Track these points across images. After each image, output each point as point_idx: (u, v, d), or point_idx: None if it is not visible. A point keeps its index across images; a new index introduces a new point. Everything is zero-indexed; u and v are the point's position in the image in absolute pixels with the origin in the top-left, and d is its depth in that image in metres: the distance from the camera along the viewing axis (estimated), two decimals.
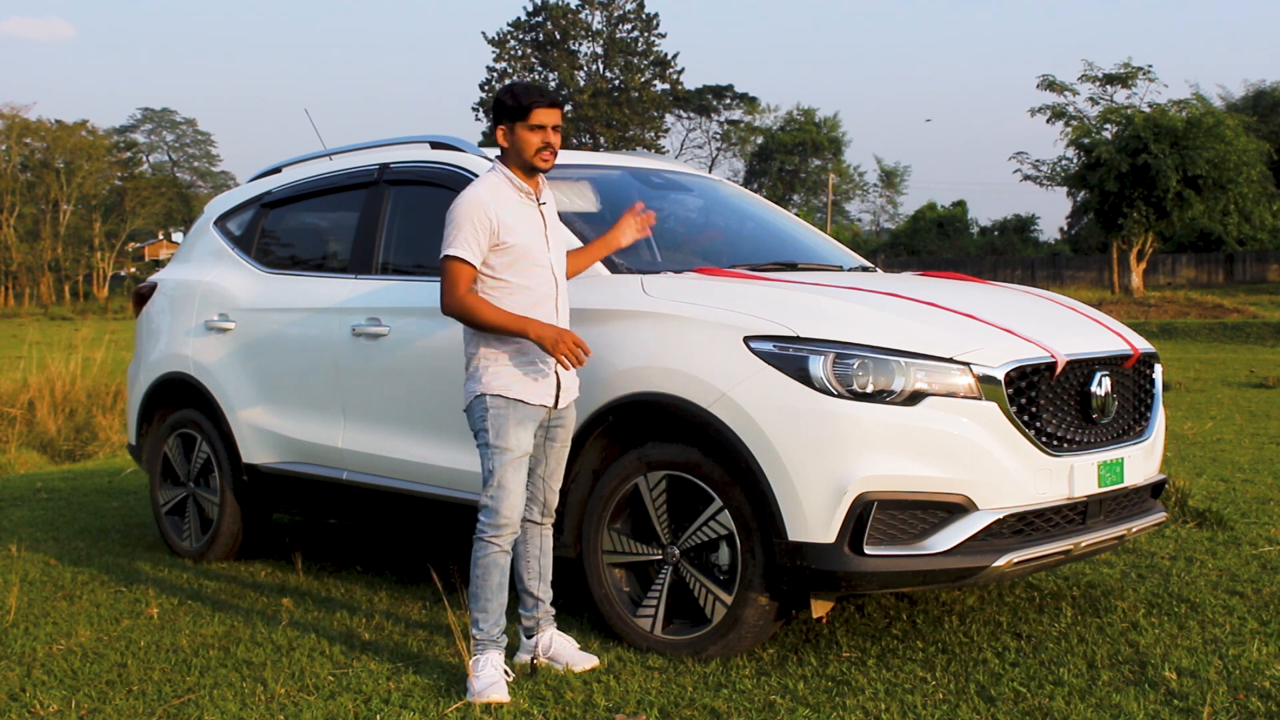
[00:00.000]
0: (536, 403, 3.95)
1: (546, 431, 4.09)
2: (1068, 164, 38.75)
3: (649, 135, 68.63)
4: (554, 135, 3.96)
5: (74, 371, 12.92)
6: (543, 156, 3.96)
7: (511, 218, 3.93)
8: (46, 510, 7.68)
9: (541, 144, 3.94)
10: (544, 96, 3.95)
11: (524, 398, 3.93)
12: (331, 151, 5.97)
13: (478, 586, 3.95)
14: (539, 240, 3.98)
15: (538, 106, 3.92)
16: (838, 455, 3.83)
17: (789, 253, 5.34)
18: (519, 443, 3.93)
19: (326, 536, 6.62)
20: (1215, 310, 29.86)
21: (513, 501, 3.93)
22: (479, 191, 3.95)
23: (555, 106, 3.97)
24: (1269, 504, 6.65)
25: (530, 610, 4.17)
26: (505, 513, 3.92)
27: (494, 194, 3.95)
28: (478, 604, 3.95)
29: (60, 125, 68.52)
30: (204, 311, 6.03)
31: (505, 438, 3.91)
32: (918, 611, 4.72)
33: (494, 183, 3.99)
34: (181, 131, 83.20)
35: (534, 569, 4.16)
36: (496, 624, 3.95)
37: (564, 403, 4.05)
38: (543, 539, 4.18)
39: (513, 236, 3.91)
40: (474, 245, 3.89)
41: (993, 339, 4.05)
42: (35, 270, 67.52)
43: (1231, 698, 3.69)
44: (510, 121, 3.96)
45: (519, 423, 3.93)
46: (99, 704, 3.90)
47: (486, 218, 3.89)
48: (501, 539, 3.94)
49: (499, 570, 3.95)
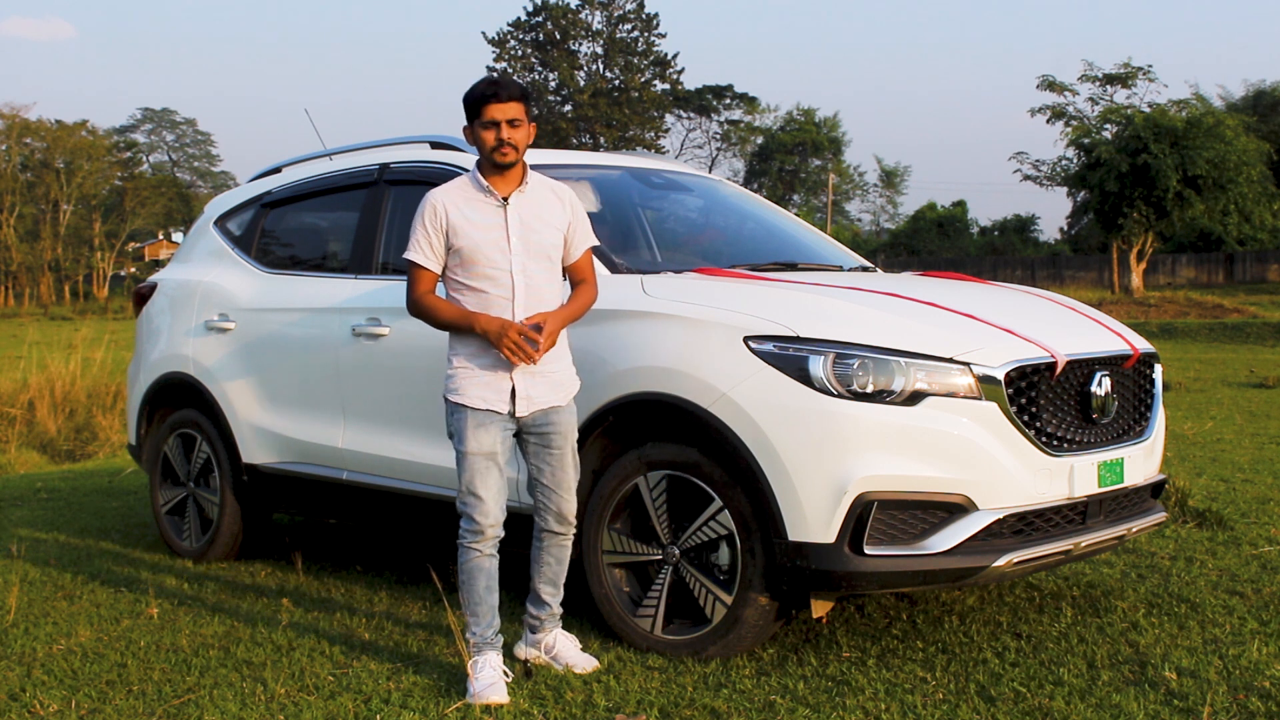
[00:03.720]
0: (484, 408, 3.89)
1: (540, 440, 4.01)
2: (1068, 164, 38.80)
3: (649, 135, 68.61)
4: (511, 130, 3.86)
5: (74, 371, 12.92)
6: (501, 152, 3.86)
7: (463, 220, 3.89)
8: (46, 510, 7.68)
9: (495, 140, 3.86)
10: (495, 92, 3.85)
11: (473, 404, 3.89)
12: (331, 151, 5.97)
13: (465, 591, 3.95)
14: (496, 242, 3.89)
15: (488, 102, 3.86)
16: (838, 455, 3.83)
17: (789, 253, 5.34)
18: (479, 446, 3.89)
19: (326, 536, 6.62)
20: (1215, 310, 29.87)
21: (485, 507, 3.90)
22: (433, 194, 3.95)
23: (510, 100, 3.86)
24: (1269, 504, 6.65)
25: (537, 609, 4.16)
26: (478, 518, 3.90)
27: (449, 196, 3.93)
28: (468, 608, 3.95)
29: (60, 125, 68.57)
30: (204, 311, 6.03)
31: (465, 441, 3.90)
32: (918, 611, 4.72)
33: (457, 185, 3.97)
34: (181, 131, 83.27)
35: (545, 574, 4.13)
36: (490, 626, 3.95)
37: (525, 410, 3.93)
38: (559, 549, 4.12)
39: (460, 239, 3.88)
40: (426, 247, 3.90)
41: (993, 339, 4.05)
42: (35, 270, 67.54)
43: (1231, 698, 3.69)
44: (470, 120, 3.93)
45: (477, 426, 3.90)
46: (99, 704, 3.90)
47: (436, 219, 3.89)
48: (481, 544, 3.92)
49: (484, 574, 3.94)
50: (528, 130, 3.92)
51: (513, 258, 3.90)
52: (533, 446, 4.03)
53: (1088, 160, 36.49)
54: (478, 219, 3.90)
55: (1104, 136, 36.77)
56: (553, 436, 4.01)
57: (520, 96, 3.90)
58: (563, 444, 4.02)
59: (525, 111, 3.91)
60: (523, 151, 3.93)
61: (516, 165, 3.94)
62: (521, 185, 3.96)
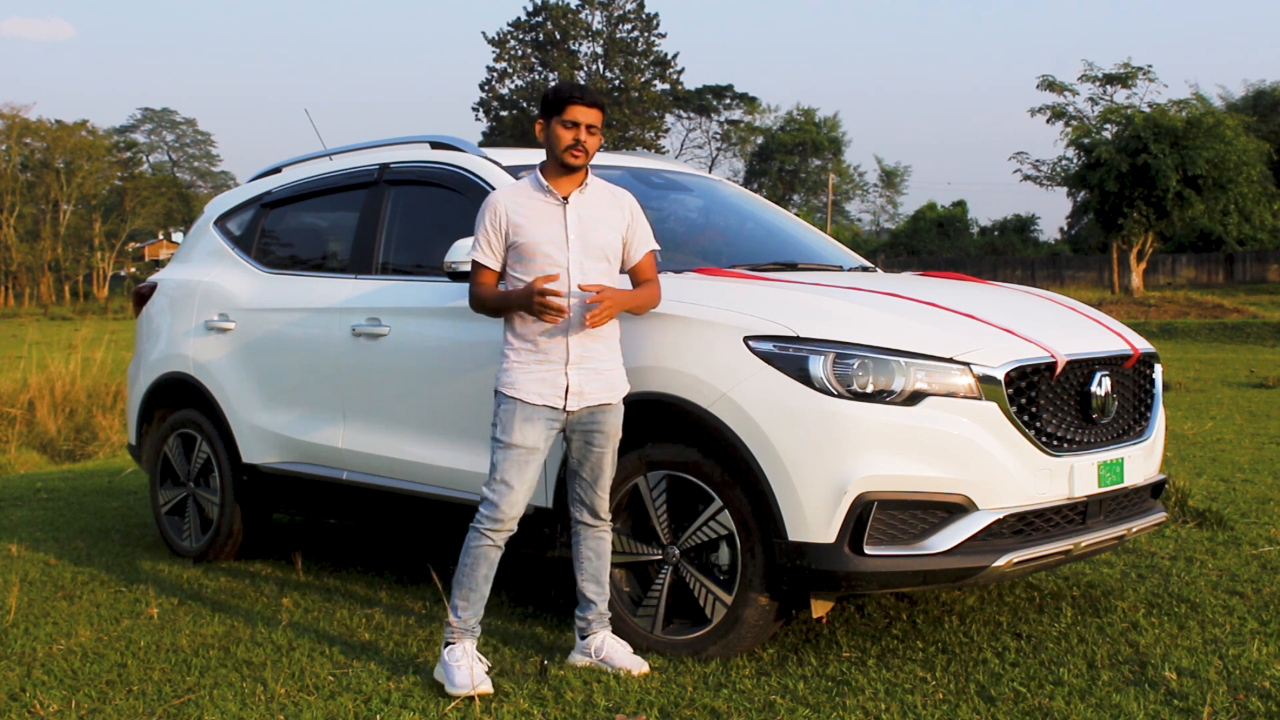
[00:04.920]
0: (540, 403, 3.95)
1: (584, 436, 4.04)
2: (1068, 164, 38.78)
3: (649, 135, 68.60)
4: (588, 134, 3.96)
5: (74, 371, 12.91)
6: (572, 153, 3.96)
7: (524, 218, 3.98)
8: (46, 510, 7.68)
9: (572, 140, 3.95)
10: (584, 95, 3.98)
11: (526, 397, 3.94)
12: (331, 151, 5.97)
13: (464, 574, 3.97)
14: (554, 240, 3.97)
15: (574, 103, 3.96)
16: (838, 455, 3.83)
17: (789, 253, 5.34)
18: (523, 439, 3.94)
19: (326, 536, 6.61)
20: (1215, 310, 29.87)
21: (513, 499, 3.94)
22: (494, 194, 4.08)
23: (594, 107, 3.98)
24: (1269, 504, 6.65)
25: (583, 611, 4.15)
26: (504, 508, 3.94)
27: (510, 195, 4.04)
28: (461, 591, 3.97)
29: (60, 125, 68.55)
30: (204, 311, 6.03)
31: (510, 434, 3.94)
32: (918, 611, 4.72)
33: (518, 186, 4.09)
34: (181, 131, 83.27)
35: (587, 570, 4.13)
36: (475, 615, 3.98)
37: (576, 405, 3.98)
38: (596, 541, 4.13)
39: (520, 236, 3.97)
40: (486, 247, 4.02)
41: (993, 339, 4.05)
42: (35, 270, 67.53)
43: (1231, 698, 3.69)
44: (547, 116, 4.01)
45: (525, 420, 3.94)
46: (99, 704, 3.89)
47: (496, 219, 4.00)
48: (496, 533, 3.96)
49: (487, 563, 3.97)
50: (599, 140, 4.02)
51: (570, 255, 3.97)
52: (577, 442, 4.06)
53: (1088, 160, 36.49)
54: (537, 217, 3.99)
55: (1104, 136, 36.76)
56: (597, 435, 4.04)
57: (602, 106, 4.03)
58: (605, 443, 4.06)
59: (602, 121, 4.03)
60: (591, 158, 4.02)
61: (582, 169, 4.03)
62: (582, 187, 4.05)
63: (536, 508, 4.48)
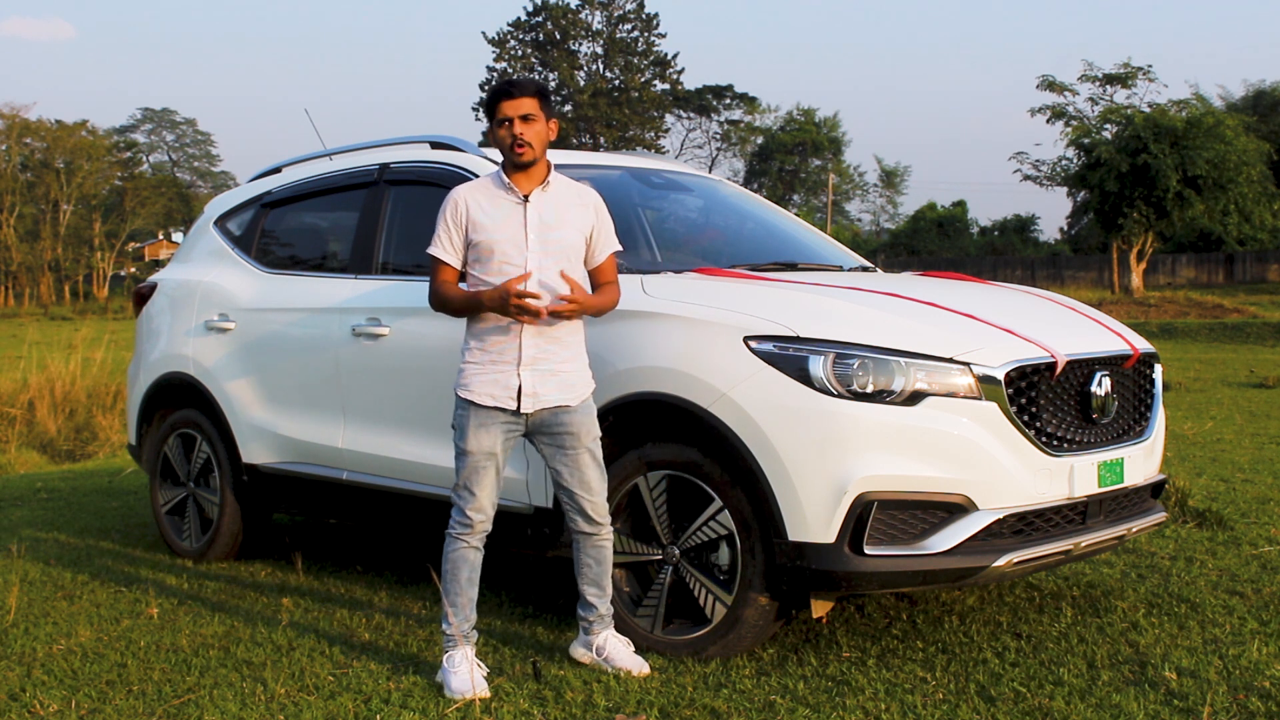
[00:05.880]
0: (491, 405, 3.90)
1: (553, 440, 3.97)
2: (1068, 164, 38.77)
3: (649, 135, 68.63)
4: (524, 125, 3.87)
5: (74, 371, 12.92)
6: (516, 150, 3.88)
7: (483, 216, 3.92)
8: (46, 510, 7.68)
9: (509, 137, 3.88)
10: (510, 88, 3.89)
11: (479, 400, 3.91)
12: (331, 151, 5.97)
13: (448, 581, 3.97)
14: (513, 239, 3.89)
15: (501, 99, 3.89)
16: (838, 455, 3.83)
17: (789, 253, 5.34)
18: (478, 445, 3.91)
19: (326, 536, 6.61)
20: (1215, 310, 29.87)
21: (478, 505, 3.93)
22: (455, 190, 4.00)
23: (523, 96, 3.88)
24: (1269, 504, 6.65)
25: (585, 612, 4.13)
26: (470, 513, 3.93)
27: (471, 192, 3.97)
28: (447, 598, 3.96)
29: (60, 125, 68.57)
30: (204, 311, 6.03)
31: (465, 439, 3.92)
32: (918, 611, 4.72)
33: (480, 182, 4.02)
34: (181, 131, 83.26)
35: (587, 575, 4.09)
36: (466, 620, 3.96)
37: (530, 407, 3.91)
38: (596, 549, 4.06)
39: (479, 234, 3.91)
40: (446, 242, 3.96)
41: (993, 339, 4.05)
42: (35, 270, 67.53)
43: (1231, 698, 3.69)
44: (489, 121, 3.98)
45: (479, 426, 3.91)
46: (99, 704, 3.89)
47: (457, 215, 3.94)
48: (469, 536, 3.95)
49: (468, 565, 3.96)
50: (545, 127, 3.92)
51: (529, 255, 3.90)
52: (546, 449, 4.00)
53: (1088, 160, 36.48)
54: (497, 215, 3.92)
55: (1104, 136, 36.76)
56: (566, 437, 3.96)
57: (534, 92, 3.91)
58: (576, 444, 3.97)
59: (540, 107, 3.91)
60: (540, 149, 3.92)
61: (538, 164, 3.95)
62: (544, 184, 3.97)
63: (536, 508, 4.48)
